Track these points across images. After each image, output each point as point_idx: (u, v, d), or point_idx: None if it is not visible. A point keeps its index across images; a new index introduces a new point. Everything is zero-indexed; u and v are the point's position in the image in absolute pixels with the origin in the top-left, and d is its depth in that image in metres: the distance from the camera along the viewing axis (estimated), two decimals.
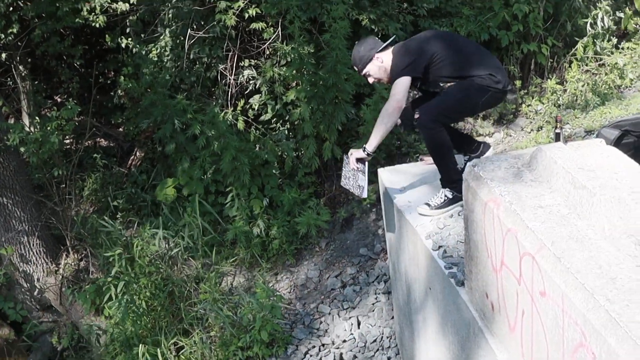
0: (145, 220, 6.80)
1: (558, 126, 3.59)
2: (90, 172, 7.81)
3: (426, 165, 4.95)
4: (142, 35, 7.27)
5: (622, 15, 7.74)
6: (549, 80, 7.22)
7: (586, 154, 3.50)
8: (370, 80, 4.22)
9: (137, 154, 8.14)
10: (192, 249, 6.28)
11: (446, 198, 4.29)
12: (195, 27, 6.66)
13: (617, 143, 4.17)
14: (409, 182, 4.88)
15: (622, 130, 4.22)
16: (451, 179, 4.32)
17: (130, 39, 7.32)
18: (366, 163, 4.35)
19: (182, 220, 6.47)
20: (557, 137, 3.58)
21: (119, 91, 7.62)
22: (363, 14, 6.57)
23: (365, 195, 4.41)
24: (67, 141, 8.23)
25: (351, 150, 4.31)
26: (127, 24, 7.41)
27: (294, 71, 6.30)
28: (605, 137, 4.12)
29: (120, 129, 8.74)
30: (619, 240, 2.80)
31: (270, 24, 6.59)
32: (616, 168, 3.31)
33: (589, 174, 3.20)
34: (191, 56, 6.68)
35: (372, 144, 4.12)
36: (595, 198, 3.02)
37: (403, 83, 3.97)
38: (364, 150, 4.20)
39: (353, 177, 4.49)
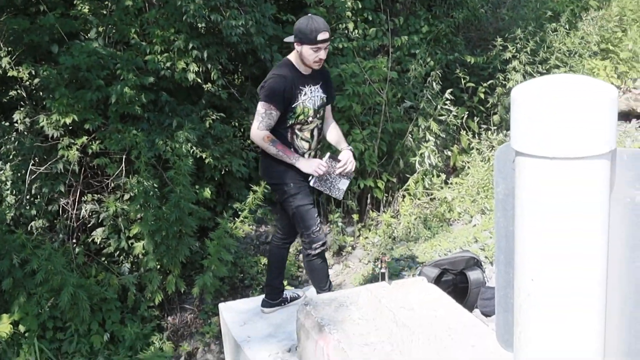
0: None
1: (383, 266, 3.85)
2: None
3: None
4: None
5: (449, 153, 8.40)
6: (384, 213, 7.66)
7: (409, 292, 3.77)
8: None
9: None
10: None
11: None
12: (37, 161, 6.65)
13: (437, 281, 4.51)
14: (249, 316, 4.99)
15: (441, 268, 4.57)
16: None
17: None
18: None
19: (17, 358, 6.23)
20: (382, 277, 3.83)
21: None
22: (207, 152, 6.80)
23: (341, 197, 4.65)
24: None
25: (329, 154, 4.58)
26: None
27: (138, 205, 6.38)
28: (427, 275, 4.44)
29: None
30: None
31: (114, 159, 6.69)
32: (435, 305, 3.59)
33: (410, 313, 3.46)
34: (32, 191, 6.63)
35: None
36: (414, 336, 3.26)
37: None
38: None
39: (331, 181, 4.62)
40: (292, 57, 4.55)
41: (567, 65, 9.15)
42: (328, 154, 4.60)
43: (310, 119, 4.55)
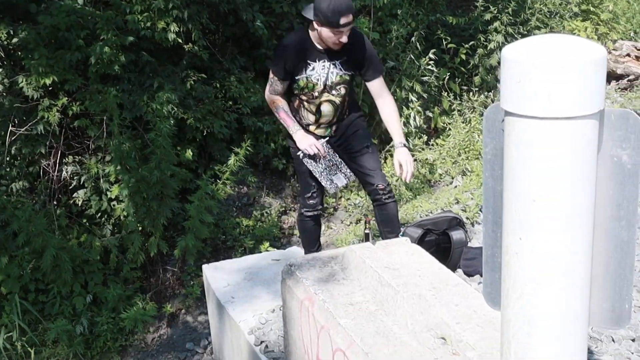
0: None
1: (367, 227, 3.88)
2: None
3: (251, 260, 5.12)
4: None
5: (431, 115, 8.41)
6: None
7: (393, 252, 3.80)
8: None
9: None
10: (9, 351, 6.05)
11: None
12: (17, 122, 6.58)
13: (421, 241, 4.54)
14: (233, 277, 5.02)
15: (424, 229, 4.61)
16: None
17: None
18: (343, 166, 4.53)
19: None
20: (367, 237, 3.86)
21: None
22: (188, 113, 6.75)
23: (331, 191, 4.55)
24: None
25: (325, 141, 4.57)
26: None
27: (117, 167, 6.34)
28: (410, 236, 4.48)
29: None
30: (421, 334, 3.07)
31: (95, 120, 6.63)
32: (419, 265, 3.63)
33: (394, 273, 3.49)
34: (12, 152, 6.57)
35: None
36: (399, 295, 3.29)
37: None
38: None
39: (326, 169, 4.50)
40: (311, 28, 4.35)
41: (548, 26, 9.16)
42: (323, 140, 4.56)
43: (317, 93, 4.45)
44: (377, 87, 4.56)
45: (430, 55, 7.99)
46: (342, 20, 4.10)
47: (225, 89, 7.27)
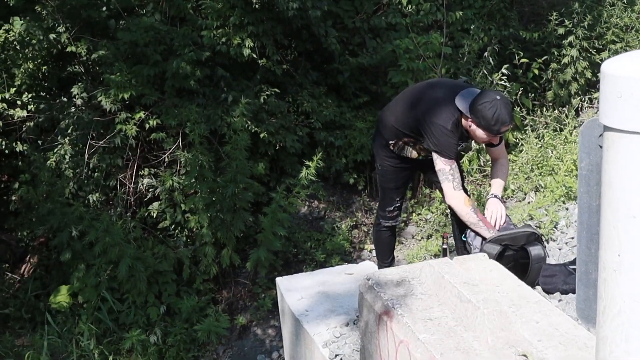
0: (38, 329, 6.65)
1: (445, 242, 3.85)
2: None
3: (325, 273, 5.12)
4: (40, 142, 7.28)
5: None
6: (437, 190, 7.62)
7: (471, 268, 3.76)
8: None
9: (31, 260, 7.99)
10: (87, 358, 6.18)
11: None
12: (95, 136, 6.75)
13: (499, 257, 4.48)
14: (307, 291, 5.01)
15: (502, 245, 4.55)
16: None
17: (25, 145, 7.30)
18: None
19: (76, 328, 6.38)
20: (445, 253, 3.83)
21: (13, 197, 7.54)
22: (261, 127, 6.83)
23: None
24: None
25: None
26: (24, 130, 7.41)
27: (193, 179, 6.45)
28: (489, 252, 4.41)
29: (13, 234, 8.57)
30: (502, 351, 3.03)
31: (170, 134, 6.76)
32: (498, 281, 3.58)
33: (473, 288, 3.44)
34: (91, 165, 6.74)
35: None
36: (479, 311, 3.25)
37: None
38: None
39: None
40: (464, 118, 4.29)
41: (624, 40, 8.98)
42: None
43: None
44: (496, 154, 4.67)
45: (503, 70, 7.91)
46: (502, 129, 4.15)
47: (298, 103, 7.34)
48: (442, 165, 4.26)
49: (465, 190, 4.51)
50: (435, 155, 4.27)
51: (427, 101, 4.39)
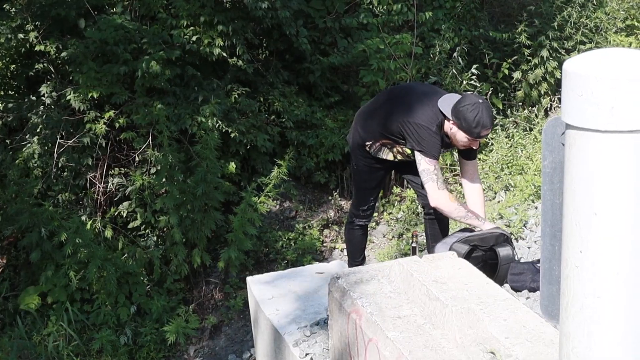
0: (7, 330, 6.58)
1: (414, 240, 3.87)
2: None
3: (295, 272, 5.13)
4: (8, 142, 7.20)
5: None
6: (408, 189, 7.66)
7: (440, 267, 3.77)
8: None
9: None
10: (56, 359, 6.13)
11: None
12: (64, 135, 6.70)
13: (468, 256, 4.51)
14: (277, 290, 5.02)
15: (471, 245, 4.58)
16: None
17: None
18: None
19: (46, 329, 6.33)
20: (414, 251, 3.85)
21: None
22: (232, 126, 6.82)
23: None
24: None
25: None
26: None
27: (163, 179, 6.42)
28: (457, 252, 4.44)
29: None
30: (469, 348, 3.05)
31: (140, 133, 6.73)
32: (467, 279, 3.60)
33: (442, 286, 3.47)
34: (59, 164, 6.68)
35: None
36: (447, 309, 3.27)
37: None
38: None
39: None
40: (446, 120, 4.31)
41: (593, 41, 9.07)
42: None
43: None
44: (470, 171, 4.71)
45: (473, 70, 7.97)
46: (483, 133, 4.17)
47: (269, 102, 7.34)
48: (427, 165, 4.26)
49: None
50: (419, 156, 4.28)
51: (410, 104, 4.40)
